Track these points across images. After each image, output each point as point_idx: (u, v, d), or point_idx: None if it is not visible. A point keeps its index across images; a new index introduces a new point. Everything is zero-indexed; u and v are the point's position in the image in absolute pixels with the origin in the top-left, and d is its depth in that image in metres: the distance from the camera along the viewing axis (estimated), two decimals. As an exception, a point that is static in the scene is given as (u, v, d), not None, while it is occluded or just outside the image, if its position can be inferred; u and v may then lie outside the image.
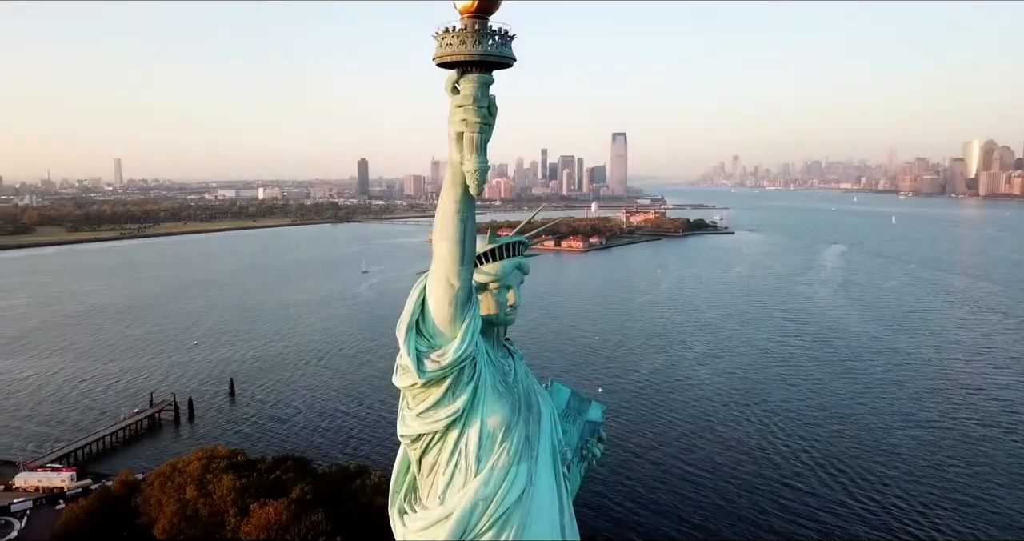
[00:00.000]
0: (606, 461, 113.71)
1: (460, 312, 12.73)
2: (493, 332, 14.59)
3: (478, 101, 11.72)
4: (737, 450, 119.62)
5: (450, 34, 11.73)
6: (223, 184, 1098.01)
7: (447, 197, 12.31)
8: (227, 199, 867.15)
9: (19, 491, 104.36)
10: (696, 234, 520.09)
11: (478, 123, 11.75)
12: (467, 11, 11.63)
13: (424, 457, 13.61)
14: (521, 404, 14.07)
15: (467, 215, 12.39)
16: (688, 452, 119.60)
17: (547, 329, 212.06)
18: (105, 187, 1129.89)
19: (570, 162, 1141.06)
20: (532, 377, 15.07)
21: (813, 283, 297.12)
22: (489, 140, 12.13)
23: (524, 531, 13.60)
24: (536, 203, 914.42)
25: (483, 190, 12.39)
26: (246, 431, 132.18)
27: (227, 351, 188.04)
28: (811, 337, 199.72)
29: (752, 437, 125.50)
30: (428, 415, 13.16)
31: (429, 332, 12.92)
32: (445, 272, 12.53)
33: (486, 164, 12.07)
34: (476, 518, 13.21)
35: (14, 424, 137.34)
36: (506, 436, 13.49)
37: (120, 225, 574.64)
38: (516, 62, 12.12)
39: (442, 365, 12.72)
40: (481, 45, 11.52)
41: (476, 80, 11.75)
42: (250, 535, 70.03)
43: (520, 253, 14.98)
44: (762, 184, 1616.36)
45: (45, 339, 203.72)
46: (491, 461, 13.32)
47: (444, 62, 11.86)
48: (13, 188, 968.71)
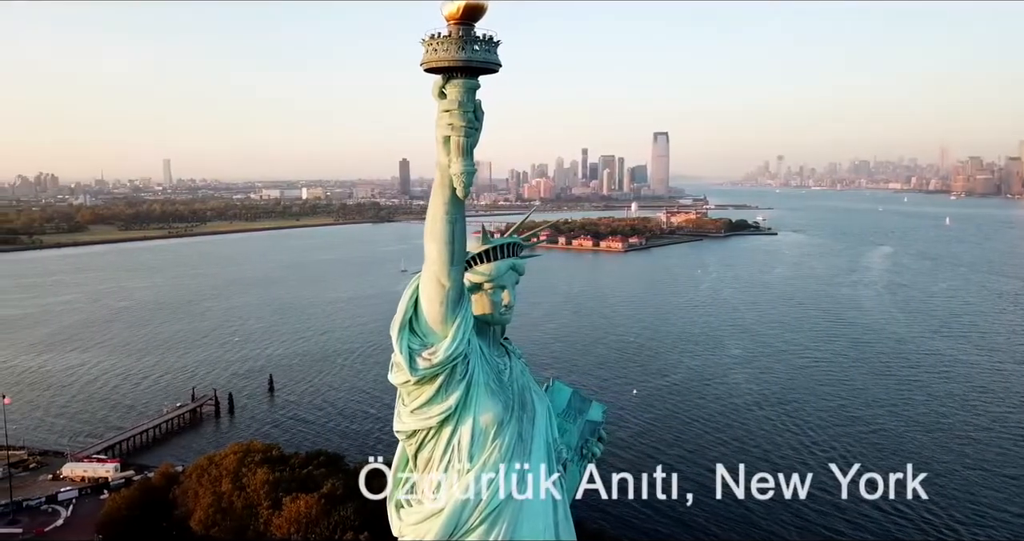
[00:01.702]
0: (631, 460, 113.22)
1: (451, 311, 13.09)
2: (489, 331, 14.92)
3: (463, 106, 12.10)
4: (768, 456, 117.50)
5: (435, 40, 12.07)
6: (268, 184, 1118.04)
7: (436, 199, 12.70)
8: (272, 199, 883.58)
9: (66, 480, 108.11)
10: (738, 235, 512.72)
11: (464, 127, 12.15)
12: (452, 18, 11.98)
13: (419, 453, 14.02)
14: (515, 402, 14.35)
15: (455, 217, 12.78)
16: (717, 456, 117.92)
17: (582, 329, 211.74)
18: (155, 187, 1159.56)
19: (611, 162, 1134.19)
20: (529, 376, 15.34)
21: (857, 285, 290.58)
22: (476, 144, 12.48)
23: (515, 527, 13.90)
24: (576, 203, 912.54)
25: (470, 192, 12.79)
26: (282, 426, 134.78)
27: (267, 348, 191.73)
28: (852, 341, 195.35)
29: (784, 443, 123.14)
30: (422, 412, 13.57)
31: (422, 331, 13.33)
32: (435, 272, 12.92)
33: (472, 167, 12.43)
34: (467, 513, 13.58)
35: (64, 416, 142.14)
36: (498, 433, 13.81)
37: (168, 224, 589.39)
38: (501, 67, 12.42)
39: (433, 363, 13.12)
40: (465, 51, 11.87)
41: (462, 85, 12.11)
42: (281, 528, 71.41)
43: (515, 254, 15.23)
44: (807, 184, 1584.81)
45: (93, 334, 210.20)
46: (483, 458, 13.67)
47: (431, 68, 12.22)
48: (69, 188, 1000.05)
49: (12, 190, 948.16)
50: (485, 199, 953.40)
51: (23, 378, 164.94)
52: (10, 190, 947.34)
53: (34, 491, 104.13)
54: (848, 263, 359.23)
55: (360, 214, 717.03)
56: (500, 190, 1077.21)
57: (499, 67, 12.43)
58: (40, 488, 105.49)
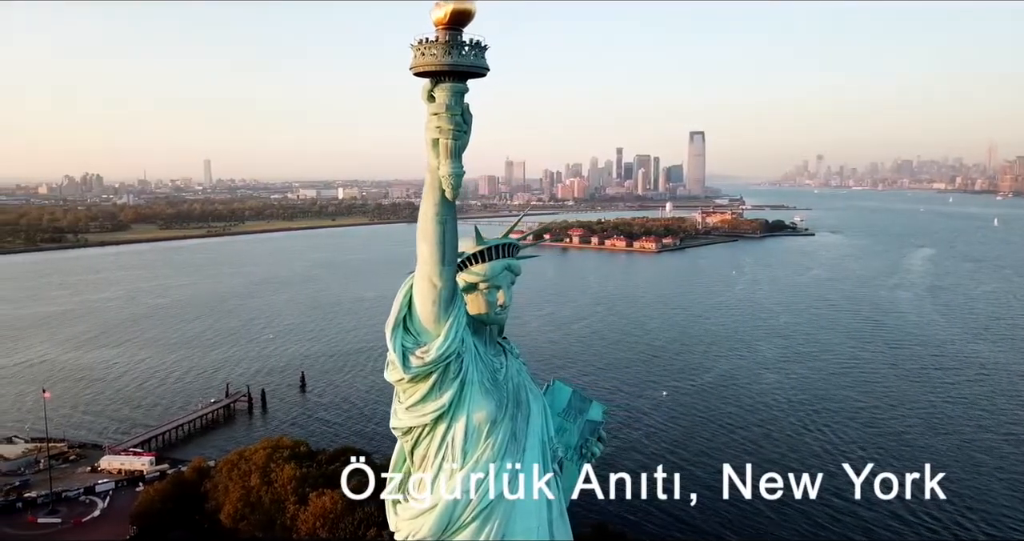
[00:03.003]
0: (661, 461, 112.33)
1: (444, 311, 13.30)
2: (485, 331, 15.08)
3: (451, 109, 12.34)
4: (799, 460, 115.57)
5: (424, 45, 12.33)
6: (305, 184, 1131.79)
7: (427, 201, 12.93)
8: (308, 199, 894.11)
9: (104, 473, 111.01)
10: (774, 235, 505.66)
11: (451, 130, 12.37)
12: (440, 23, 12.25)
13: (415, 449, 14.28)
14: (509, 401, 14.50)
15: (446, 218, 12.98)
16: (746, 460, 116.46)
17: (612, 330, 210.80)
18: (196, 186, 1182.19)
19: (646, 161, 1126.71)
20: (525, 375, 15.48)
21: (896, 288, 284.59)
22: (465, 146, 12.69)
23: (508, 525, 14.06)
24: (610, 203, 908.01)
25: (458, 194, 12.99)
26: (313, 423, 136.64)
27: (300, 345, 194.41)
28: (889, 345, 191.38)
29: (815, 447, 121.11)
30: (416, 409, 13.82)
31: (416, 329, 13.56)
32: (427, 272, 13.15)
33: (460, 169, 12.64)
34: (459, 510, 13.78)
35: (103, 411, 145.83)
36: (491, 431, 13.98)
37: (207, 223, 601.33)
38: (489, 71, 12.64)
39: (426, 361, 13.34)
40: (451, 56, 12.13)
41: (449, 89, 12.36)
42: (306, 522, 72.48)
43: (511, 255, 15.35)
44: (848, 184, 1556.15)
45: (132, 331, 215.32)
46: (476, 455, 13.87)
47: (419, 72, 12.46)
48: (113, 187, 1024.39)
49: (60, 190, 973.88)
50: (519, 199, 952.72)
51: (64, 373, 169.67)
52: (58, 190, 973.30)
53: (73, 482, 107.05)
54: (887, 265, 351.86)
55: (395, 214, 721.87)
56: (534, 190, 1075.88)
57: (487, 71, 12.65)
58: (79, 480, 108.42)
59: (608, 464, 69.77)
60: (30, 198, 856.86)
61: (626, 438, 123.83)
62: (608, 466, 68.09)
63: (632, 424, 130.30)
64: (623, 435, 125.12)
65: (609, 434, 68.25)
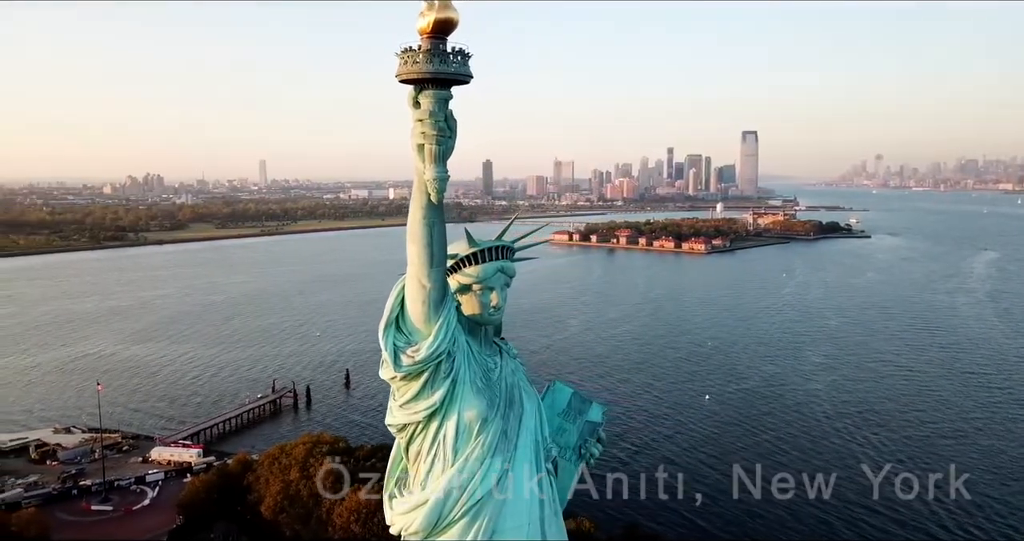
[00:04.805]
0: (702, 465, 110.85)
1: (433, 311, 13.60)
2: (480, 331, 15.30)
3: (435, 116, 12.70)
4: (844, 471, 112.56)
5: (408, 53, 12.70)
6: (357, 184, 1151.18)
7: (414, 204, 13.29)
8: (359, 199, 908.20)
9: (154, 463, 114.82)
10: (828, 237, 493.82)
11: (435, 136, 12.74)
12: (424, 32, 12.60)
13: (410, 446, 14.67)
14: (501, 401, 14.71)
15: (433, 220, 13.31)
16: (787, 465, 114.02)
17: (657, 332, 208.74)
18: (251, 186, 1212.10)
19: (697, 161, 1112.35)
20: (521, 375, 15.66)
21: (955, 293, 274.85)
22: (450, 152, 13.05)
23: (497, 521, 14.26)
24: (660, 203, 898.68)
25: (443, 197, 13.28)
26: (355, 420, 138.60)
27: (347, 343, 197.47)
28: (946, 352, 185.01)
29: (863, 458, 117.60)
30: (409, 406, 14.19)
31: (408, 329, 13.92)
32: (416, 273, 13.49)
33: (444, 173, 12.97)
34: (450, 505, 14.05)
35: (155, 404, 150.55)
36: (482, 430, 14.21)
37: (261, 222, 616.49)
38: (472, 79, 12.92)
39: (416, 360, 13.66)
40: (433, 64, 12.46)
41: (433, 96, 12.73)
42: (341, 516, 73.62)
43: (506, 257, 15.52)
44: (908, 185, 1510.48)
45: (184, 327, 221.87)
46: (466, 452, 14.13)
47: (404, 79, 12.83)
48: (173, 187, 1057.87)
49: (123, 189, 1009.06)
50: (566, 199, 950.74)
51: (119, 366, 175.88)
52: (121, 190, 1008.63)
53: (125, 472, 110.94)
54: (947, 269, 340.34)
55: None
56: (582, 190, 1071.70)
57: (469, 78, 12.98)
58: (130, 469, 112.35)
59: (645, 466, 70.44)
60: (95, 198, 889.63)
61: (663, 441, 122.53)
62: (644, 468, 68.67)
63: (672, 427, 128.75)
64: (661, 437, 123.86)
65: (649, 436, 69.19)
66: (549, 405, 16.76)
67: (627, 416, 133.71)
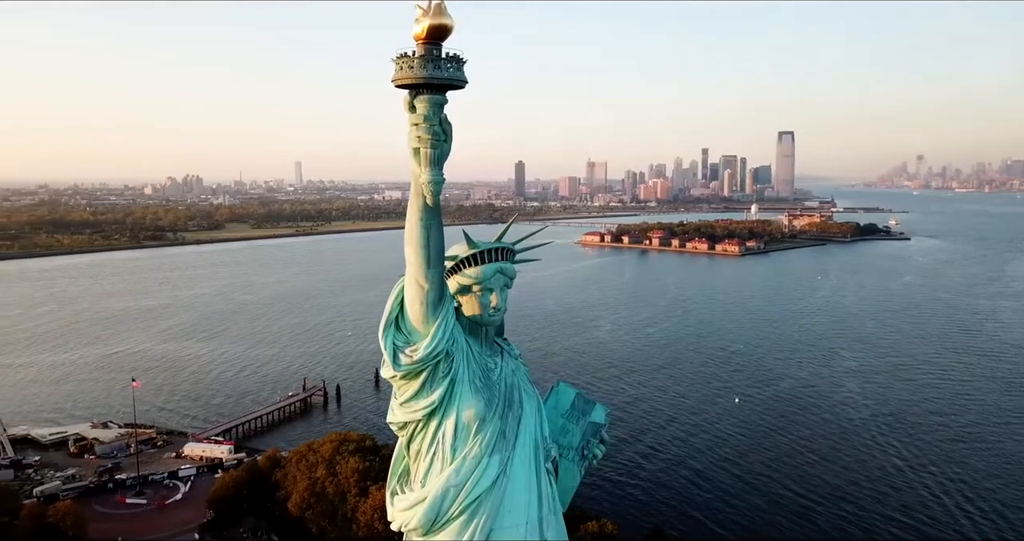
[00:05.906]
0: (729, 470, 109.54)
1: (431, 311, 13.98)
2: (481, 331, 15.58)
3: (430, 120, 13.13)
4: (874, 480, 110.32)
5: (403, 59, 13.12)
6: (390, 185, 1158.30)
7: (411, 206, 13.71)
8: (393, 199, 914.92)
9: (187, 459, 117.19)
10: (866, 239, 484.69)
11: (430, 139, 13.17)
12: (419, 38, 13.00)
13: (411, 443, 15.10)
14: (500, 400, 14.99)
15: (430, 222, 13.71)
16: (816, 474, 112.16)
17: (688, 334, 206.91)
18: (287, 187, 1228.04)
19: (732, 162, 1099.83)
20: (522, 375, 15.92)
21: (997, 297, 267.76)
22: (446, 155, 13.45)
23: (495, 519, 14.56)
24: (694, 204, 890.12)
25: (439, 200, 13.65)
26: (383, 418, 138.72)
27: (376, 343, 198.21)
28: (987, 357, 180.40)
29: (895, 467, 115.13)
30: (409, 405, 14.63)
31: (407, 329, 14.34)
32: (414, 274, 13.91)
33: (439, 176, 13.37)
34: (448, 503, 14.39)
35: (189, 401, 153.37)
36: (480, 429, 14.53)
37: (296, 223, 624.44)
38: (467, 84, 13.27)
39: (414, 359, 14.07)
40: (427, 69, 12.84)
41: (427, 101, 13.17)
42: (366, 514, 74.42)
43: (506, 259, 15.78)
44: (950, 186, 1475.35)
45: (219, 325, 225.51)
46: (465, 451, 14.46)
47: (400, 84, 13.25)
48: (211, 188, 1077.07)
49: (163, 190, 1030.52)
50: (599, 200, 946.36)
51: (155, 363, 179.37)
52: (161, 190, 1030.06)
53: (159, 467, 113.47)
54: (989, 272, 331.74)
55: (475, 215, 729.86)
56: (615, 191, 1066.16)
57: (464, 83, 13.33)
58: (164, 464, 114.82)
59: (668, 469, 70.03)
60: (136, 198, 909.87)
61: (692, 443, 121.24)
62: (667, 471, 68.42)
63: (701, 430, 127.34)
64: (690, 440, 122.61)
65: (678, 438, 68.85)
66: (553, 406, 16.92)
67: (647, 417, 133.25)
